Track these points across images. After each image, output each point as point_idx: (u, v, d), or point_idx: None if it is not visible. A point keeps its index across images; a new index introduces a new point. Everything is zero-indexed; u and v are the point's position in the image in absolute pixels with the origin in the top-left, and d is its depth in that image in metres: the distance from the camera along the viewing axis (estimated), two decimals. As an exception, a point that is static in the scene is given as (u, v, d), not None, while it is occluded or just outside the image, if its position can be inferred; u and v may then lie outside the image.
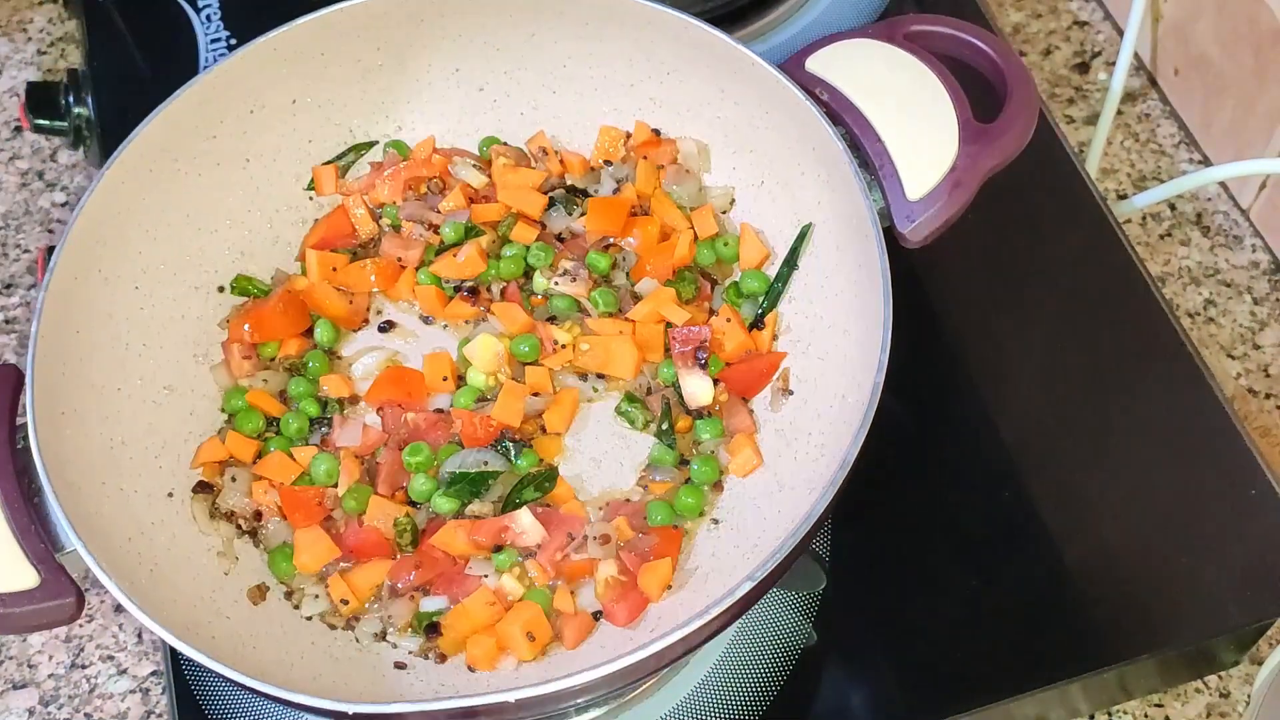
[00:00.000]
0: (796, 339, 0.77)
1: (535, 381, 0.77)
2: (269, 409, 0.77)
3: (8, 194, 1.07)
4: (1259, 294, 0.95)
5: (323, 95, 0.83)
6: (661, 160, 0.83)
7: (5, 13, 1.18)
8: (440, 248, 0.82)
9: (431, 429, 0.75)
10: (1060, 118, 1.05)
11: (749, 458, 0.73)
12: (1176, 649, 0.76)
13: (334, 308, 0.80)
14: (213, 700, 0.76)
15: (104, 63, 1.02)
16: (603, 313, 0.79)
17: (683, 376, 0.76)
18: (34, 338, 0.68)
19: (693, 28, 0.78)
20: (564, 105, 0.85)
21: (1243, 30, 0.93)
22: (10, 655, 0.85)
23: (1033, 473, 0.82)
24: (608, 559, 0.70)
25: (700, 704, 0.75)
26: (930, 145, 0.72)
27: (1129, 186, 1.02)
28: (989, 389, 0.86)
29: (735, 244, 0.80)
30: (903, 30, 0.77)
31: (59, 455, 0.66)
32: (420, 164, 0.84)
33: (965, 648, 0.75)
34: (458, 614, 0.69)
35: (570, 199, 0.83)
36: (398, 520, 0.72)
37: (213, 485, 0.74)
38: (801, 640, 0.76)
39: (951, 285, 0.91)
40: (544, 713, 0.65)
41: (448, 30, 0.83)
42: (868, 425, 0.63)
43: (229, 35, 1.02)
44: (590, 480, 0.75)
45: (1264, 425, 0.90)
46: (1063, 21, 1.11)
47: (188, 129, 0.78)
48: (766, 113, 0.78)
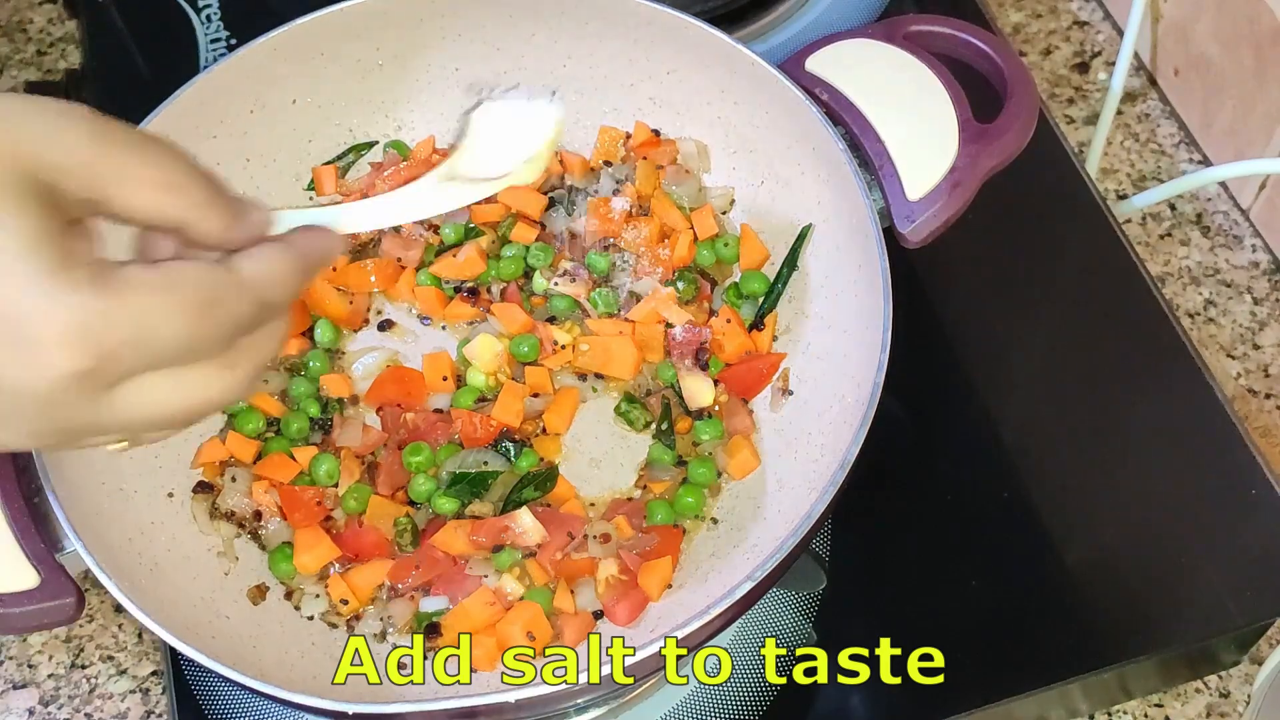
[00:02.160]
0: (796, 339, 0.77)
1: (535, 382, 0.77)
2: (269, 409, 0.77)
3: (8, 194, 1.07)
4: (1259, 294, 0.95)
5: (323, 95, 0.83)
6: (661, 160, 0.83)
7: (5, 13, 1.18)
8: (440, 248, 0.82)
9: (431, 429, 0.75)
10: (1060, 118, 1.05)
11: (747, 459, 0.73)
12: (1176, 649, 0.76)
13: (334, 308, 0.80)
14: (213, 700, 0.76)
15: (104, 63, 1.02)
16: (602, 313, 0.79)
17: (683, 377, 0.76)
18: (34, 338, 0.68)
19: (693, 28, 0.78)
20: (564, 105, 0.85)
21: (1243, 30, 0.93)
22: (10, 655, 0.85)
23: (1033, 473, 0.82)
24: (608, 558, 0.70)
25: (700, 704, 0.75)
26: (930, 145, 0.72)
27: (1129, 186, 1.02)
28: (989, 389, 0.86)
29: (735, 244, 0.80)
30: (903, 30, 0.77)
31: (59, 455, 0.66)
32: (420, 164, 0.84)
33: (965, 648, 0.75)
34: (458, 614, 0.69)
35: (570, 199, 0.83)
36: (398, 520, 0.72)
37: (213, 485, 0.74)
38: (801, 640, 0.76)
39: (951, 285, 0.91)
40: (544, 713, 0.65)
41: (448, 30, 0.83)
42: (868, 425, 0.63)
43: (229, 35, 1.02)
44: (590, 480, 0.75)
45: (1264, 425, 0.90)
46: (1063, 21, 1.11)
47: (188, 129, 0.78)
48: (766, 113, 0.78)
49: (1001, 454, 0.83)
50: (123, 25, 1.04)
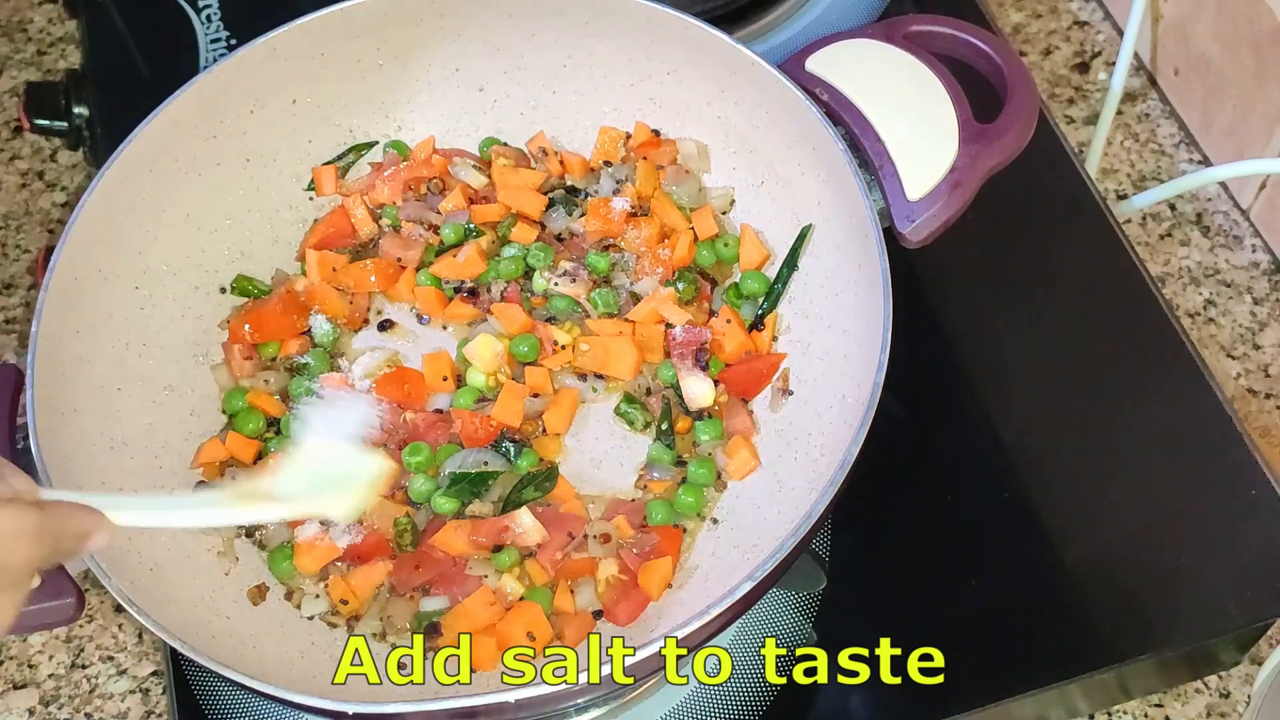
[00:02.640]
0: (796, 339, 0.77)
1: (535, 382, 0.77)
2: (269, 409, 0.77)
3: (8, 194, 1.07)
4: (1259, 294, 0.95)
5: (323, 95, 0.83)
6: (661, 161, 0.83)
7: (5, 13, 1.18)
8: (440, 248, 0.82)
9: (431, 429, 0.75)
10: (1060, 118, 1.05)
11: (746, 460, 0.73)
12: (1176, 649, 0.76)
13: (334, 308, 0.80)
14: (213, 700, 0.76)
15: (104, 63, 1.02)
16: (602, 313, 0.79)
17: (683, 378, 0.76)
18: (34, 338, 0.68)
19: (693, 28, 0.78)
20: (564, 105, 0.85)
21: (1243, 30, 0.93)
22: (10, 655, 0.85)
23: (1033, 473, 0.82)
24: (608, 558, 0.70)
25: (700, 704, 0.75)
26: (930, 145, 0.72)
27: (1129, 186, 1.02)
28: (989, 389, 0.86)
29: (735, 245, 0.80)
30: (903, 30, 0.77)
31: (59, 455, 0.66)
32: (420, 164, 0.84)
33: (965, 648, 0.75)
34: (458, 614, 0.69)
35: (570, 199, 0.83)
36: (398, 520, 0.72)
37: (213, 485, 0.74)
38: (801, 640, 0.76)
39: (951, 285, 0.91)
40: (544, 713, 0.65)
41: (448, 30, 0.83)
42: (868, 425, 0.63)
43: (229, 35, 1.01)
44: (590, 480, 0.75)
45: (1264, 425, 0.90)
46: (1063, 21, 1.11)
47: (188, 129, 0.78)
48: (766, 113, 0.78)
49: (1001, 454, 0.83)
50: (123, 25, 1.04)
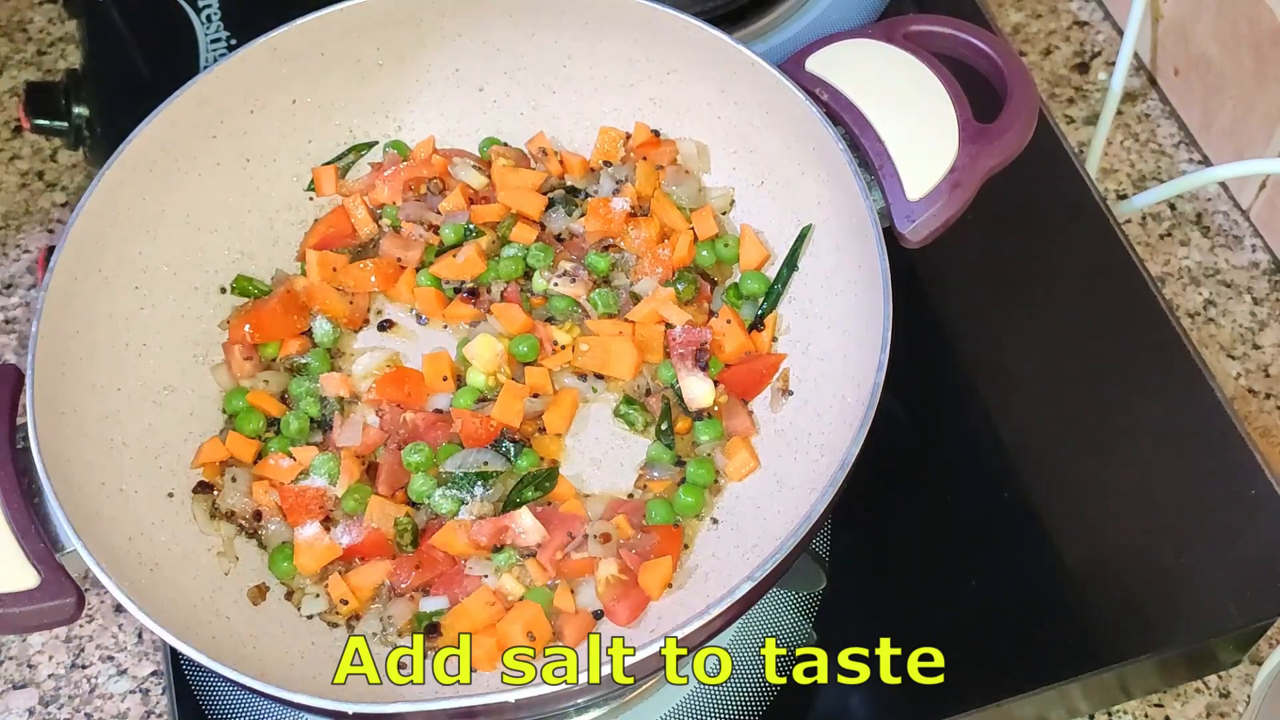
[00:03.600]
0: (796, 339, 0.77)
1: (535, 382, 0.77)
2: (269, 409, 0.77)
3: (8, 194, 1.07)
4: (1259, 294, 0.95)
5: (323, 95, 0.83)
6: (661, 161, 0.83)
7: (5, 13, 1.18)
8: (440, 248, 0.82)
9: (431, 429, 0.75)
10: (1060, 118, 1.05)
11: (745, 460, 0.73)
12: (1176, 649, 0.76)
13: (334, 308, 0.80)
14: (213, 700, 0.76)
15: (104, 63, 1.02)
16: (602, 313, 0.79)
17: (683, 378, 0.76)
18: (34, 338, 0.68)
19: (693, 28, 0.78)
20: (564, 105, 0.85)
21: (1243, 30, 0.93)
22: (10, 655, 0.85)
23: (1033, 473, 0.82)
24: (608, 558, 0.70)
25: (700, 704, 0.75)
26: (930, 145, 0.72)
27: (1129, 186, 1.02)
28: (989, 389, 0.86)
29: (735, 245, 0.80)
30: (903, 30, 0.77)
31: (59, 455, 0.66)
32: (420, 164, 0.84)
33: (965, 648, 0.75)
34: (458, 614, 0.69)
35: (570, 200, 0.83)
36: (398, 520, 0.72)
37: (213, 485, 0.74)
38: (801, 640, 0.76)
39: (951, 285, 0.91)
40: (544, 713, 0.65)
41: (448, 30, 0.83)
42: (868, 425, 0.63)
43: (229, 35, 1.01)
44: (590, 480, 0.75)
45: (1264, 425, 0.90)
46: (1063, 21, 1.11)
47: (188, 129, 0.78)
48: (766, 113, 0.78)
49: (1001, 454, 0.83)
50: (123, 25, 1.04)
